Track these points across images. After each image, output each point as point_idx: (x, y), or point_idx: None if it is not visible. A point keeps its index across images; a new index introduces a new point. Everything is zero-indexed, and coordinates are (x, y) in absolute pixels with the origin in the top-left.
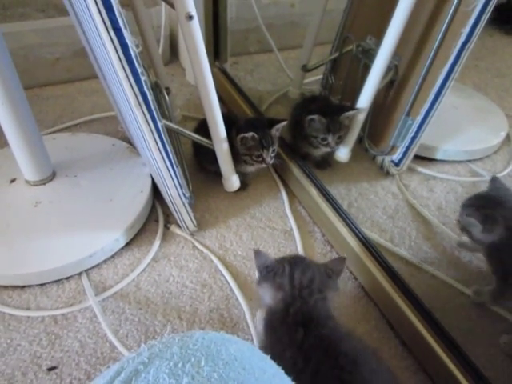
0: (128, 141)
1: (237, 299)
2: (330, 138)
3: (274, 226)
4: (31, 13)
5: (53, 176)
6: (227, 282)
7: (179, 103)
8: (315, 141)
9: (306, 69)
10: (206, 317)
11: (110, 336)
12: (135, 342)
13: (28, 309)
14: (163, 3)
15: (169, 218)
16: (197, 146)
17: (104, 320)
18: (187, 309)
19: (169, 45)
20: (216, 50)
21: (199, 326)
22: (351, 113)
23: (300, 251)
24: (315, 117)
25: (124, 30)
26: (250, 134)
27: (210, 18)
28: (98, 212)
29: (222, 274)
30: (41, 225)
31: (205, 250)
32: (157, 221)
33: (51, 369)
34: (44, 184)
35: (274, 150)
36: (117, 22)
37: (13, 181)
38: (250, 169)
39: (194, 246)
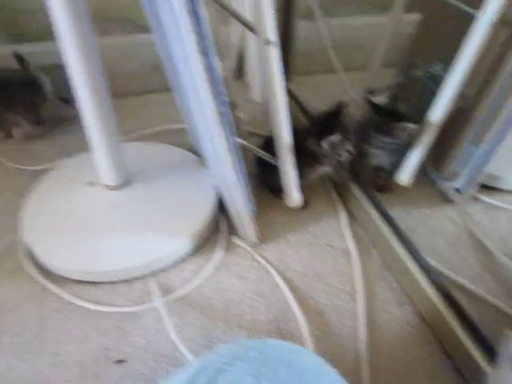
0: (195, 152)
1: (294, 313)
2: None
3: (332, 245)
4: (111, 28)
5: (128, 182)
6: (285, 295)
7: (244, 119)
8: None
9: (370, 91)
10: (265, 327)
11: (174, 337)
12: (197, 345)
13: (100, 303)
14: (234, 22)
15: (231, 229)
16: (261, 162)
17: (169, 321)
18: (247, 317)
19: (236, 61)
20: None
21: (258, 334)
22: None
23: (357, 272)
24: None
25: (213, 56)
26: (337, 137)
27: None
28: (167, 219)
29: (280, 288)
30: (115, 227)
31: (264, 263)
32: (220, 231)
33: (120, 361)
34: (120, 189)
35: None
36: (208, 48)
37: (91, 184)
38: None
39: (254, 258)
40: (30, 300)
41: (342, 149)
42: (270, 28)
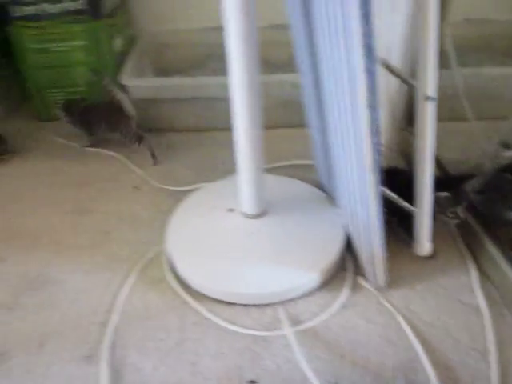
0: (322, 189)
1: (423, 364)
2: None
3: (461, 300)
4: None
5: (264, 212)
6: (413, 344)
7: None
8: None
9: (505, 144)
10: (391, 373)
11: (304, 367)
12: (324, 380)
13: (233, 323)
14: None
15: (356, 270)
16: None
17: (299, 351)
18: (373, 360)
19: None
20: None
21: (385, 379)
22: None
23: (489, 332)
24: None
25: (379, 109)
26: (444, 195)
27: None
28: (299, 252)
29: (408, 336)
30: (251, 253)
31: (391, 308)
32: (345, 270)
33: (252, 382)
34: (257, 218)
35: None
36: (376, 102)
37: (230, 210)
38: None
39: (381, 302)
40: (172, 310)
41: (449, 210)
42: (432, 84)
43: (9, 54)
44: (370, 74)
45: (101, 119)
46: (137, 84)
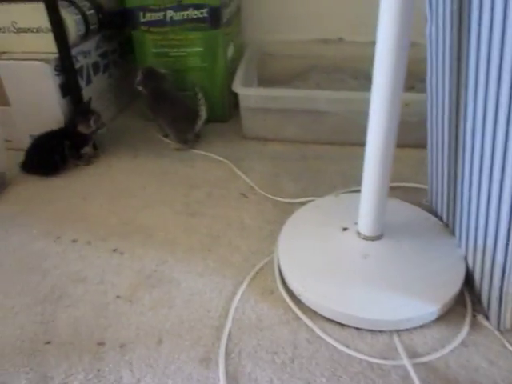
0: (436, 215)
1: None
2: None
3: None
4: (346, 79)
5: (381, 235)
6: None
7: None
8: None
9: None
10: None
11: None
12: None
13: (347, 346)
14: None
15: (475, 307)
16: None
17: None
18: None
19: None
20: None
21: None
22: None
23: None
24: None
25: None
26: None
27: None
28: (417, 281)
29: None
30: (366, 276)
31: None
32: (463, 305)
33: None
34: (373, 240)
35: None
36: None
37: (345, 229)
38: None
39: (504, 345)
40: (284, 324)
41: None
42: None
43: (126, 55)
44: None
45: (168, 113)
46: (247, 93)
